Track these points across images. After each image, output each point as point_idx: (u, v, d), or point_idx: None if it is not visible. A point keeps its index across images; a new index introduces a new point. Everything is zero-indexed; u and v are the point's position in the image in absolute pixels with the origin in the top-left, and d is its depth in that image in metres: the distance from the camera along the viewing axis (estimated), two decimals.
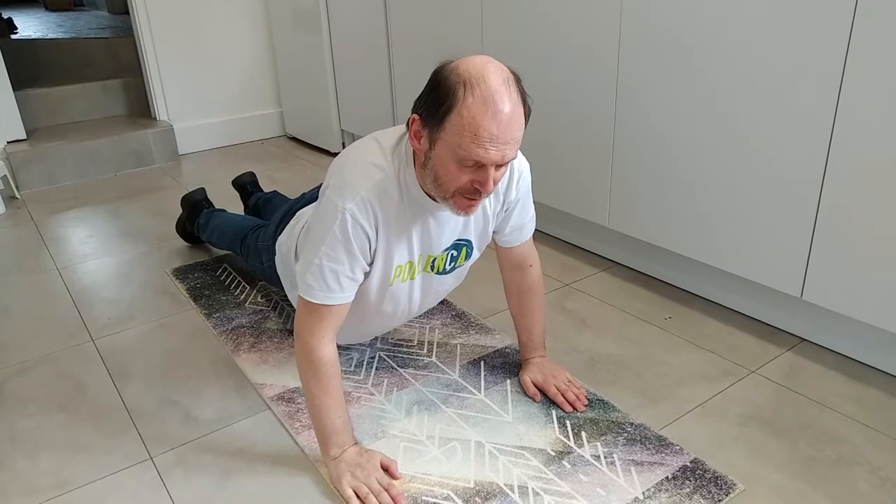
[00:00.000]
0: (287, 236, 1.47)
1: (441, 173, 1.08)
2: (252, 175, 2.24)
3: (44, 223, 2.43)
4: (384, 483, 1.16)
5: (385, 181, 1.13)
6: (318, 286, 1.14)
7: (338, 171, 1.17)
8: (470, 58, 1.04)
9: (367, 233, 1.15)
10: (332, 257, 1.13)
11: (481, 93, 0.99)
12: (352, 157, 1.17)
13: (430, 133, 1.05)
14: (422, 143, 1.07)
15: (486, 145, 1.01)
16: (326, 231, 1.13)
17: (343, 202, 1.11)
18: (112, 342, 1.66)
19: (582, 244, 2.10)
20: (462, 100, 0.99)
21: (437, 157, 1.06)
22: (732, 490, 1.16)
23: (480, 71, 1.01)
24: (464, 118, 1.00)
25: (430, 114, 1.04)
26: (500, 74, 1.02)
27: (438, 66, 1.06)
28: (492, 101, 0.99)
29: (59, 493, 1.20)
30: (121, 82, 3.32)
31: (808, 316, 1.57)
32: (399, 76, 2.57)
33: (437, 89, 1.02)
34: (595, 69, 1.79)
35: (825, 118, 1.34)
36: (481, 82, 1.00)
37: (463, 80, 1.00)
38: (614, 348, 1.58)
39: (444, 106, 1.01)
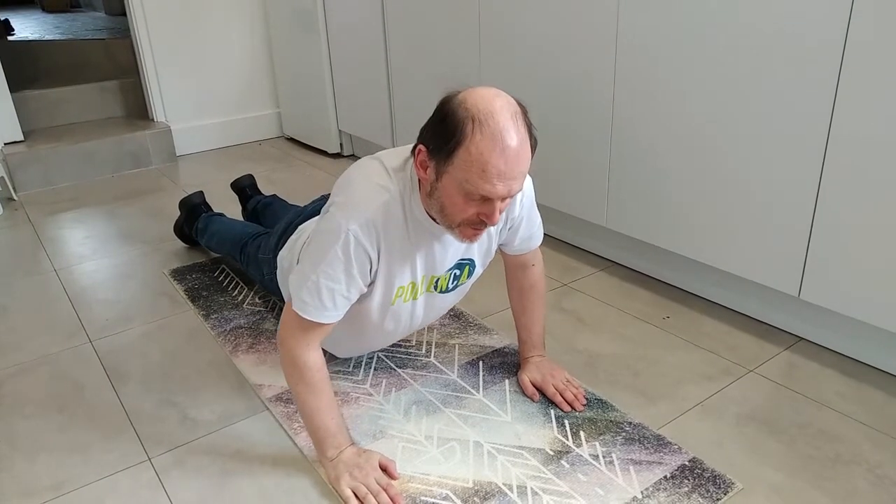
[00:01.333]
0: (288, 251, 1.46)
1: (447, 204, 1.08)
2: (251, 178, 2.23)
3: (41, 224, 2.42)
4: (383, 483, 1.16)
5: (391, 203, 1.13)
6: (312, 303, 1.14)
7: (343, 190, 1.16)
8: (477, 90, 1.03)
9: (368, 255, 1.14)
10: (330, 275, 1.12)
11: (490, 129, 0.99)
12: (358, 177, 1.16)
13: (437, 165, 1.05)
14: (428, 174, 1.07)
15: (493, 181, 1.01)
16: (328, 249, 1.12)
17: (347, 222, 1.10)
18: (110, 343, 1.66)
19: (580, 244, 2.10)
20: (470, 136, 0.99)
21: (443, 189, 1.06)
22: (731, 489, 1.16)
23: (489, 106, 1.00)
24: (472, 154, 1.00)
25: (437, 147, 1.03)
26: (508, 109, 1.02)
27: (445, 97, 1.05)
28: (500, 137, 0.99)
29: (57, 495, 1.20)
30: (118, 83, 3.31)
31: (806, 315, 1.57)
32: (396, 77, 2.57)
33: (445, 122, 1.02)
34: (593, 70, 1.79)
35: (822, 118, 1.35)
36: (490, 118, 0.99)
37: (471, 116, 0.99)
38: (612, 348, 1.58)
39: (453, 141, 1.00)
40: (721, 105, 1.52)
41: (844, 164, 1.34)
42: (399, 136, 2.66)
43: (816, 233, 1.42)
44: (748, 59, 1.44)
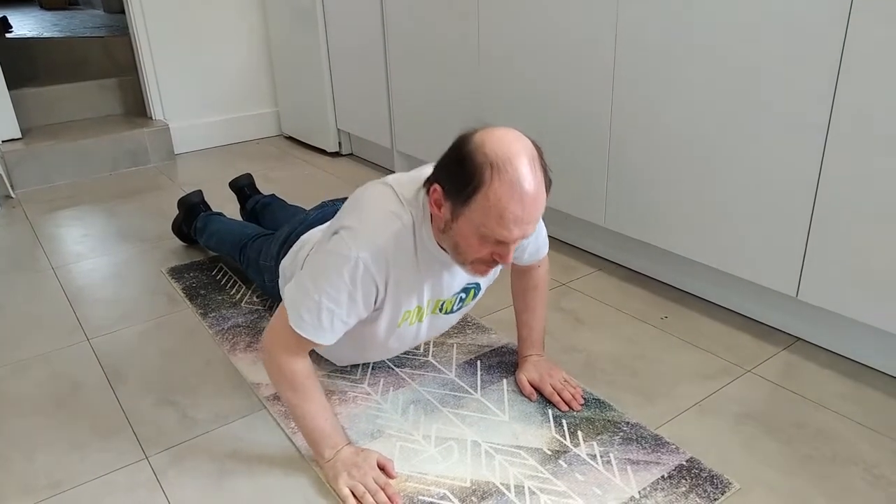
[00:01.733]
0: (291, 262, 1.45)
1: (461, 244, 1.08)
2: (249, 177, 2.23)
3: (39, 222, 2.42)
4: (381, 482, 1.15)
5: (402, 232, 1.12)
6: (310, 321, 1.13)
7: (355, 214, 1.15)
8: (495, 132, 1.03)
9: (375, 283, 1.14)
10: (333, 298, 1.11)
11: (508, 176, 0.99)
12: (370, 203, 1.15)
13: (453, 206, 1.05)
14: (442, 212, 1.07)
15: (510, 227, 1.02)
16: (335, 272, 1.11)
17: (358, 249, 1.10)
18: (107, 342, 1.66)
19: (578, 243, 2.10)
20: (489, 183, 0.99)
21: (458, 230, 1.06)
22: (728, 489, 1.16)
23: (507, 151, 1.00)
24: (490, 201, 1.00)
25: (454, 190, 1.03)
26: (526, 154, 1.01)
27: (462, 137, 1.05)
28: (518, 184, 0.99)
29: (55, 493, 1.19)
30: (116, 81, 3.31)
31: (804, 315, 1.57)
32: (395, 76, 2.57)
33: (463, 166, 1.01)
34: (592, 68, 1.79)
35: (821, 118, 1.35)
36: (508, 165, 0.99)
37: (490, 162, 0.99)
38: (611, 347, 1.58)
39: (471, 186, 1.00)
40: (720, 105, 1.52)
41: (843, 165, 1.34)
42: (397, 135, 2.66)
43: (814, 233, 1.42)
44: (747, 61, 1.44)
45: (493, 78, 2.11)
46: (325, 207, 1.57)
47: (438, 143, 2.58)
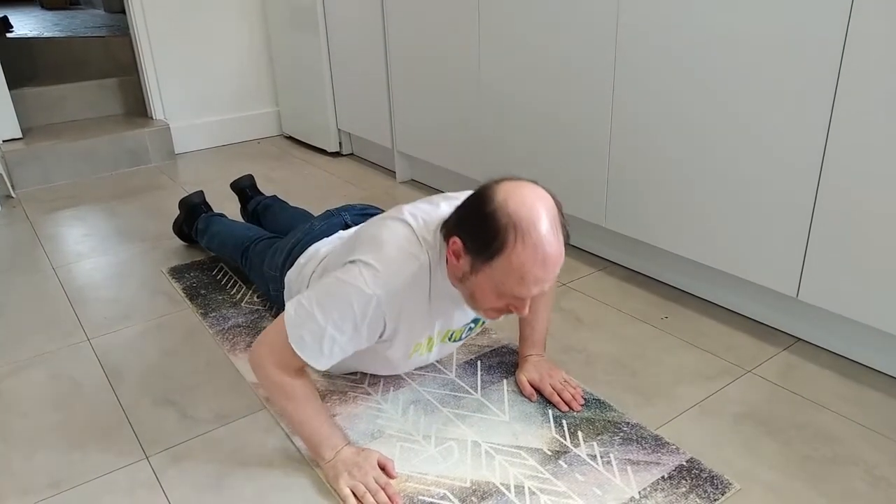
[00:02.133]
0: (296, 275, 1.44)
1: (478, 295, 1.09)
2: (251, 178, 2.23)
3: (39, 222, 2.42)
4: (381, 482, 1.15)
5: (419, 273, 1.12)
6: (311, 345, 1.12)
7: (375, 250, 1.13)
8: (518, 190, 1.03)
9: (385, 321, 1.14)
10: (338, 327, 1.11)
11: (532, 241, 0.99)
12: (390, 241, 1.13)
13: (473, 262, 1.05)
14: (461, 263, 1.07)
15: (530, 287, 1.04)
16: (346, 302, 1.10)
17: (375, 287, 1.09)
18: (108, 342, 1.66)
19: (579, 244, 2.10)
20: (512, 246, 1.00)
21: (476, 283, 1.07)
22: (728, 489, 1.16)
23: (530, 214, 1.00)
24: (513, 264, 1.01)
25: (476, 248, 1.04)
26: (548, 215, 1.02)
27: (484, 191, 1.04)
28: (541, 248, 1.00)
29: (54, 493, 1.19)
30: (117, 81, 3.31)
31: (804, 316, 1.57)
32: (396, 76, 2.57)
33: (486, 225, 1.01)
34: (592, 69, 1.79)
35: (821, 119, 1.35)
36: (532, 228, 0.99)
37: (513, 224, 1.00)
38: (611, 348, 1.58)
39: (493, 247, 1.01)
40: (720, 105, 1.52)
41: (843, 165, 1.34)
42: (398, 135, 2.66)
43: (815, 234, 1.42)
44: (747, 62, 1.44)
45: (493, 77, 2.11)
46: (330, 218, 1.55)
47: (439, 144, 2.59)
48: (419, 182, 2.74)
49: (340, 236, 1.46)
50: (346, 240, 1.36)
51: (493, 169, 2.22)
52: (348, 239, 1.32)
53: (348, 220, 1.53)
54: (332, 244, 1.43)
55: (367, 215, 1.56)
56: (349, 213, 1.55)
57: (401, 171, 2.76)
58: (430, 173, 2.67)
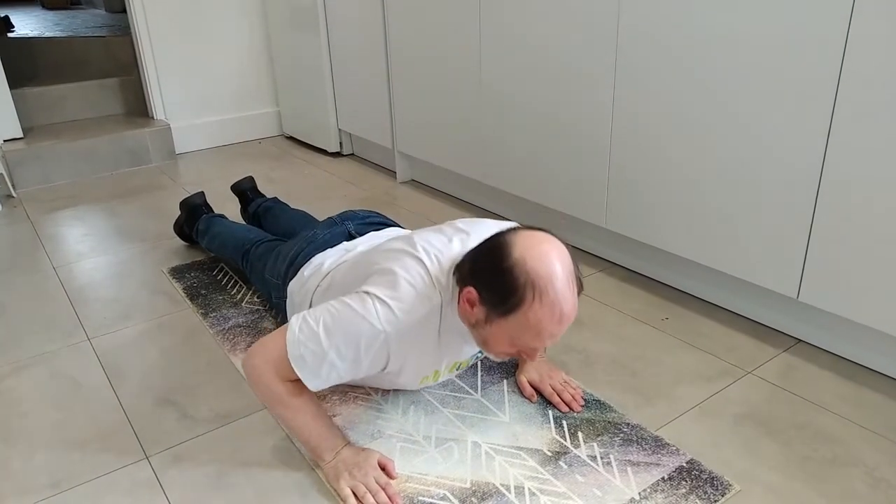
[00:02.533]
0: (300, 287, 1.43)
1: (491, 342, 1.10)
2: (251, 181, 2.23)
3: (40, 222, 2.42)
4: (381, 482, 1.16)
5: (430, 315, 1.12)
6: (310, 365, 1.11)
7: (390, 285, 1.12)
8: (535, 246, 1.03)
9: (388, 357, 1.14)
10: (341, 354, 1.10)
11: (549, 299, 1.01)
12: (405, 280, 1.12)
13: (488, 313, 1.05)
14: (475, 311, 1.07)
15: (544, 340, 1.06)
16: (354, 333, 1.09)
17: (386, 324, 1.09)
18: (108, 341, 1.66)
19: (579, 244, 2.10)
20: (529, 304, 1.01)
21: (490, 332, 1.07)
22: (728, 490, 1.16)
23: (548, 271, 1.01)
24: (529, 321, 1.02)
25: (492, 301, 1.04)
26: (565, 271, 1.03)
27: (501, 245, 1.04)
28: (558, 306, 1.01)
29: (54, 493, 1.20)
30: (118, 81, 3.31)
31: (805, 317, 1.57)
32: (397, 76, 2.57)
33: (503, 281, 1.02)
34: (593, 70, 1.79)
35: (822, 119, 1.35)
36: (549, 286, 1.00)
37: (531, 283, 1.00)
38: (611, 348, 1.58)
39: (510, 303, 1.02)
40: (721, 106, 1.52)
41: (844, 167, 1.34)
42: (399, 135, 2.66)
43: (816, 235, 1.42)
44: (748, 63, 1.44)
45: (494, 78, 2.11)
46: (333, 227, 1.53)
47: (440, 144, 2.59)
48: (419, 182, 2.74)
49: (345, 248, 1.45)
50: (353, 259, 1.34)
51: (493, 169, 2.22)
52: (357, 260, 1.31)
53: (352, 230, 1.51)
54: (336, 256, 1.41)
55: (370, 224, 1.55)
56: (352, 221, 1.54)
57: (401, 172, 2.76)
58: (431, 173, 2.67)
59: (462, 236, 1.20)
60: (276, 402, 1.16)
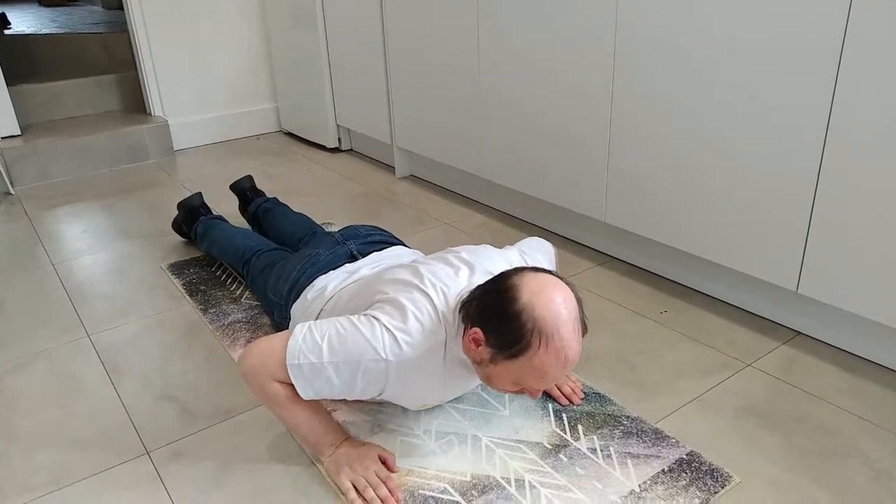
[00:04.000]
0: (302, 311, 1.41)
1: (495, 381, 1.10)
2: (250, 180, 2.22)
3: (38, 219, 2.42)
4: (382, 476, 1.16)
5: (434, 349, 1.12)
6: (307, 376, 1.10)
7: (399, 316, 1.12)
8: (544, 292, 1.03)
9: (385, 386, 1.14)
10: (338, 372, 1.10)
11: (555, 345, 1.02)
12: (415, 312, 1.12)
13: (493, 354, 1.06)
14: (480, 350, 1.07)
15: (548, 382, 1.07)
16: (356, 353, 1.09)
17: (390, 354, 1.09)
18: (108, 338, 1.66)
19: (578, 238, 2.10)
20: (535, 349, 1.02)
21: (494, 371, 1.08)
22: (728, 482, 1.16)
23: (555, 318, 1.02)
24: (534, 365, 1.03)
25: (498, 344, 1.04)
26: (571, 316, 1.04)
27: (509, 289, 1.04)
28: (563, 352, 1.03)
29: (55, 489, 1.20)
30: (115, 77, 3.30)
31: (804, 310, 1.57)
32: (395, 71, 2.57)
33: (510, 325, 1.02)
34: (592, 62, 1.78)
35: (821, 113, 1.35)
36: (556, 333, 1.01)
37: (538, 330, 1.01)
38: (611, 342, 1.58)
39: (516, 348, 1.03)
40: (719, 99, 1.52)
41: (843, 159, 1.34)
42: (397, 130, 2.66)
43: (815, 228, 1.42)
44: (747, 56, 1.44)
45: (493, 72, 2.11)
46: (335, 248, 1.51)
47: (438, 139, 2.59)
48: (418, 177, 2.74)
49: (348, 270, 1.43)
50: (358, 285, 1.32)
51: (492, 164, 2.22)
52: (361, 286, 1.29)
53: (354, 251, 1.49)
54: (339, 280, 1.40)
55: (372, 243, 1.53)
56: (354, 241, 1.52)
57: (400, 167, 2.76)
58: (430, 169, 2.66)
59: (466, 269, 1.20)
60: (273, 401, 1.15)
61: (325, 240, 1.58)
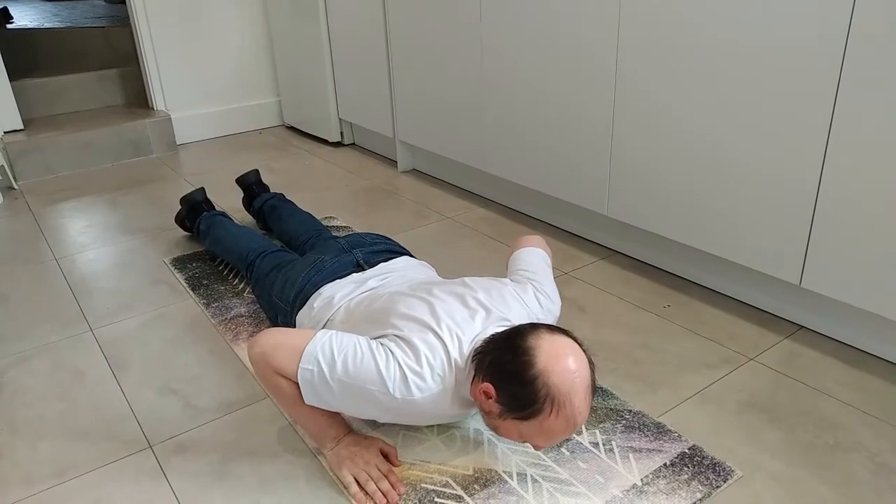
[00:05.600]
0: (308, 319, 1.41)
1: (501, 432, 1.12)
2: (256, 174, 2.21)
3: (42, 213, 2.42)
4: (384, 469, 1.16)
5: (442, 393, 1.12)
6: (315, 385, 1.10)
7: (412, 357, 1.11)
8: (559, 355, 1.04)
9: (386, 413, 1.16)
10: (344, 389, 1.10)
11: (565, 413, 1.03)
12: (427, 356, 1.12)
13: (503, 411, 1.07)
14: (490, 403, 1.08)
15: (554, 442, 1.09)
16: (365, 379, 1.09)
17: (398, 391, 1.09)
18: (111, 332, 1.66)
19: (581, 232, 2.09)
20: (546, 414, 1.04)
21: (503, 425, 1.10)
22: (730, 476, 1.16)
23: (570, 389, 1.03)
24: (543, 428, 1.05)
25: (509, 404, 1.06)
26: (584, 384, 1.05)
27: (526, 352, 1.05)
28: (573, 419, 1.05)
29: (59, 482, 1.20)
30: (118, 72, 3.30)
31: (807, 303, 1.57)
32: (397, 65, 2.56)
33: (524, 391, 1.03)
34: (595, 57, 1.78)
35: (825, 104, 1.34)
36: (568, 402, 1.03)
37: (552, 398, 1.03)
38: (613, 336, 1.58)
39: (528, 411, 1.04)
40: (722, 93, 1.51)
41: (847, 153, 1.33)
42: (400, 124, 2.65)
43: (818, 221, 1.42)
44: (750, 49, 1.43)
45: (495, 67, 2.10)
46: (342, 255, 1.50)
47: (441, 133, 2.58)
48: (421, 171, 2.74)
49: (355, 281, 1.42)
50: (371, 310, 1.29)
51: (494, 158, 2.21)
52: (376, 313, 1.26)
53: (360, 260, 1.48)
54: (346, 289, 1.39)
55: (378, 252, 1.52)
56: (360, 249, 1.51)
57: (402, 161, 2.75)
58: (432, 163, 2.66)
59: (483, 313, 1.20)
60: (279, 393, 1.16)
61: (330, 245, 1.57)
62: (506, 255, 1.49)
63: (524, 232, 2.12)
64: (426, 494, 1.14)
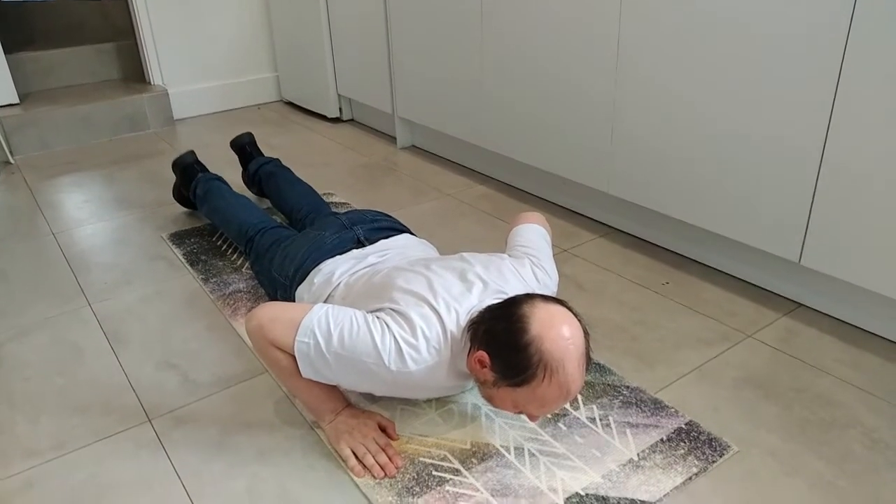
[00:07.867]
0: (308, 295, 1.40)
1: (496, 401, 1.12)
2: (250, 136, 2.20)
3: (38, 188, 2.41)
4: (381, 443, 1.17)
5: (438, 365, 1.12)
6: (312, 357, 1.11)
7: (408, 331, 1.11)
8: (553, 323, 1.04)
9: (381, 386, 1.17)
10: (340, 362, 1.10)
11: (558, 379, 1.03)
12: (424, 330, 1.12)
13: (496, 379, 1.07)
14: (485, 371, 1.08)
15: (547, 410, 1.09)
16: (361, 351, 1.09)
17: (393, 363, 1.09)
18: (109, 307, 1.66)
19: (580, 209, 2.09)
20: (539, 381, 1.04)
21: (497, 393, 1.10)
22: (726, 452, 1.17)
23: (563, 355, 1.03)
24: (536, 394, 1.05)
25: (503, 372, 1.06)
26: (577, 351, 1.05)
27: (520, 319, 1.05)
28: (566, 386, 1.05)
29: (58, 455, 1.21)
30: (114, 46, 3.27)
31: (806, 281, 1.57)
32: (396, 41, 2.53)
33: (518, 357, 1.04)
34: (596, 33, 1.76)
35: (827, 81, 1.33)
36: (561, 368, 1.03)
37: (545, 364, 1.03)
38: (611, 313, 1.58)
39: (521, 377, 1.04)
40: (724, 71, 1.49)
41: (849, 130, 1.32)
42: (399, 100, 2.63)
43: (818, 199, 1.41)
44: (752, 26, 1.41)
45: (495, 42, 2.08)
46: (342, 232, 1.49)
47: (440, 109, 2.56)
48: (420, 148, 2.72)
49: (355, 257, 1.41)
50: (370, 284, 1.29)
51: (494, 134, 2.20)
52: (375, 288, 1.26)
53: (361, 237, 1.47)
54: (346, 266, 1.38)
55: (379, 230, 1.51)
56: (361, 227, 1.50)
57: (401, 137, 2.74)
58: (431, 139, 2.64)
59: (480, 286, 1.19)
60: (277, 366, 1.16)
61: (330, 221, 1.56)
62: (505, 231, 1.48)
63: (523, 209, 2.11)
64: (424, 468, 1.15)
